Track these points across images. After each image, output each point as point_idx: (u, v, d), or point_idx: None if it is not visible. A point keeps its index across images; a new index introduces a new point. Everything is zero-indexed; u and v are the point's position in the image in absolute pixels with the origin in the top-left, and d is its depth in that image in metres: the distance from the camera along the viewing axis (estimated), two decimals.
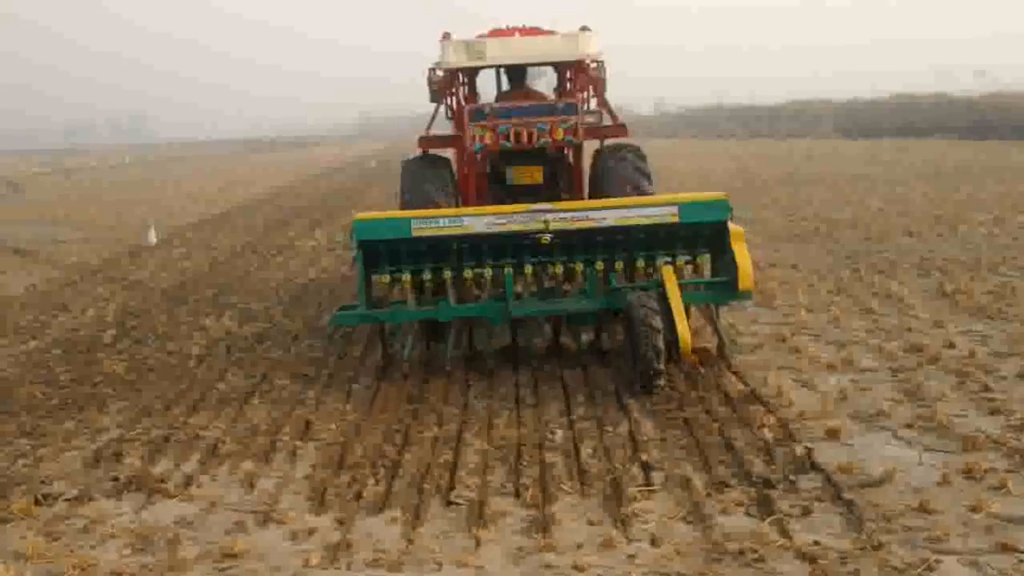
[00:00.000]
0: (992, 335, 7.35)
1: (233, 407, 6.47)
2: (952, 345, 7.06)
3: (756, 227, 14.34)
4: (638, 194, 7.98)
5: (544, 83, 10.18)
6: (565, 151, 9.10)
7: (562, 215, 6.95)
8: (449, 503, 4.70)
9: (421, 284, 7.14)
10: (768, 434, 5.34)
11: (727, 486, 4.71)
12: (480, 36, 8.91)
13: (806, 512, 4.37)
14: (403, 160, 9.05)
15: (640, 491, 4.69)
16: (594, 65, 8.76)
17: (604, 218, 6.96)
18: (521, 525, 4.43)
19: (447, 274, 7.10)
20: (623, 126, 8.95)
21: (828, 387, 6.23)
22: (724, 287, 7.01)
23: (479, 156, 8.87)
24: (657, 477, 4.87)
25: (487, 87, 9.87)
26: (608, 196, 7.89)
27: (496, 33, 9.06)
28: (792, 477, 4.77)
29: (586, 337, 7.61)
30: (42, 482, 5.24)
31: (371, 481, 5.03)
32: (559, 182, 9.10)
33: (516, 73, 9.42)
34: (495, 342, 7.40)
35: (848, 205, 16.52)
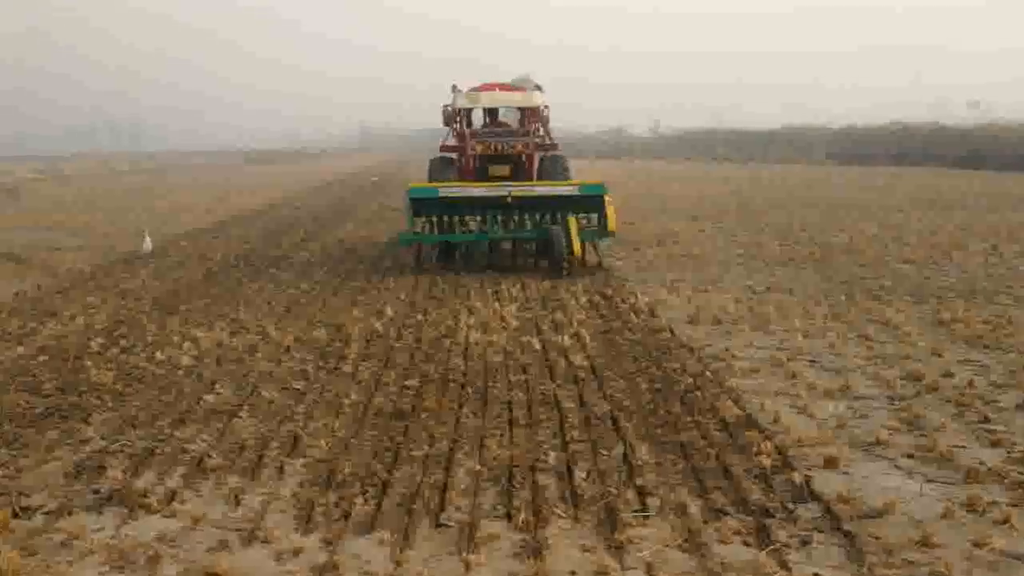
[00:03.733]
0: (990, 365, 7.28)
1: (221, 420, 6.34)
2: (950, 374, 6.99)
3: (751, 251, 14.31)
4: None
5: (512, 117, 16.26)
6: (523, 157, 14.56)
7: (518, 189, 12.85)
8: (439, 525, 4.59)
9: (441, 223, 12.94)
10: (765, 461, 5.24)
11: (724, 514, 4.61)
12: (474, 89, 14.95)
13: (805, 543, 4.27)
14: (430, 159, 15.43)
15: (635, 517, 4.59)
16: (541, 108, 14.91)
17: (538, 191, 12.90)
18: (513, 550, 4.32)
19: (456, 218, 12.85)
20: (556, 145, 15.02)
21: (826, 414, 6.14)
22: (601, 230, 12.81)
23: (473, 158, 14.51)
24: (652, 503, 4.76)
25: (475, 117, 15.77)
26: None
27: (484, 87, 15.08)
28: (790, 506, 4.67)
29: (530, 256, 13.23)
30: (21, 494, 5.10)
31: (359, 500, 4.91)
32: (519, 174, 14.44)
33: (495, 111, 15.65)
34: (480, 258, 13.18)
35: (843, 231, 16.50)
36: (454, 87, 15.03)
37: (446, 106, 14.94)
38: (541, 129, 14.90)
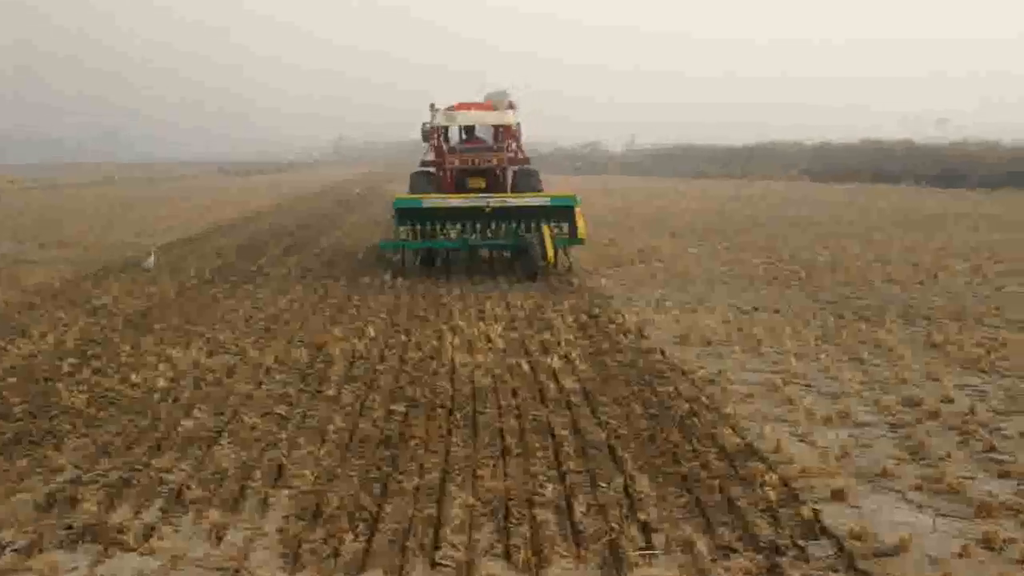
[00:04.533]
0: (989, 390, 7.16)
1: (199, 447, 6.07)
2: (950, 400, 6.85)
3: (735, 269, 14.20)
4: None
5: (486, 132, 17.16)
6: (497, 171, 15.79)
7: (495, 199, 13.94)
8: (435, 564, 4.35)
9: (424, 231, 13.81)
10: (771, 493, 5.05)
11: (733, 551, 4.41)
12: (450, 108, 15.99)
13: None
14: (411, 173, 16.49)
15: (641, 555, 4.38)
16: (514, 126, 16.13)
17: (514, 202, 13.93)
18: None
19: (438, 226, 13.81)
20: (528, 159, 16.34)
21: (827, 442, 5.97)
22: (571, 237, 13.83)
23: (451, 172, 15.72)
24: (658, 539, 4.55)
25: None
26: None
27: (461, 105, 16.24)
28: (801, 543, 4.48)
29: (507, 256, 14.61)
30: None
31: (349, 536, 4.66)
32: (494, 186, 15.62)
33: (471, 128, 16.62)
34: (461, 263, 14.63)
35: (825, 249, 16.44)
36: (432, 106, 16.02)
37: (425, 124, 16.04)
38: (514, 144, 16.15)
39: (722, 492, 5.13)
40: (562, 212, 13.80)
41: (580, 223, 13.73)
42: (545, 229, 13.44)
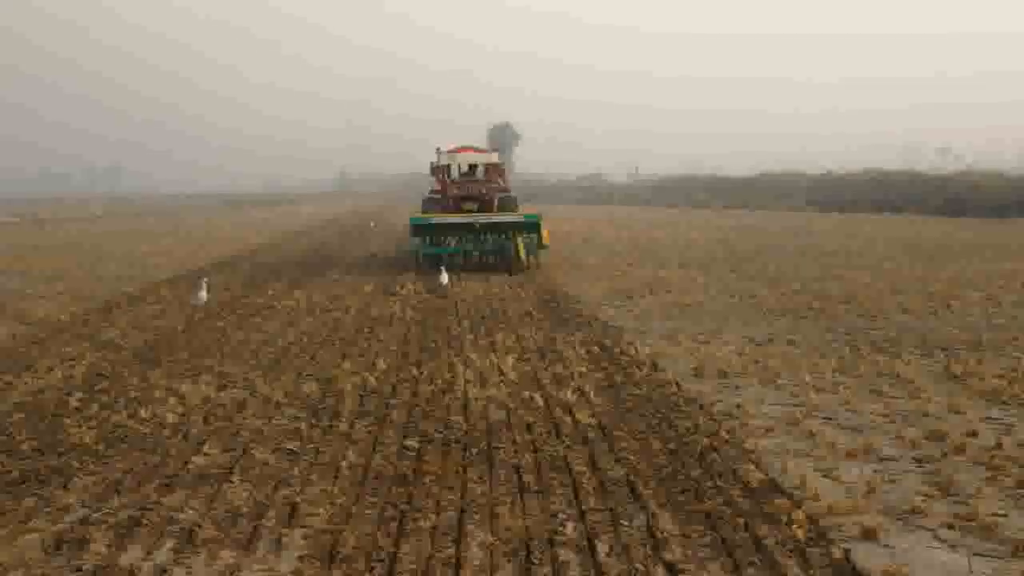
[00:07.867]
0: (1015, 423, 7.02)
1: (211, 485, 5.94)
2: (974, 433, 6.72)
3: (746, 300, 14.08)
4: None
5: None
6: (485, 197, 21.13)
7: (483, 218, 19.06)
8: None
9: (432, 240, 19.15)
10: (799, 532, 4.92)
11: None
12: (452, 150, 22.18)
13: None
14: (423, 198, 22.87)
15: None
16: (499, 165, 22.56)
17: (497, 219, 19.09)
18: None
19: (442, 237, 19.25)
20: (509, 190, 22.12)
21: (853, 478, 5.84)
22: (538, 244, 18.98)
23: (452, 198, 21.09)
24: None
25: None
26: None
27: (460, 149, 22.40)
28: None
29: (492, 261, 19.21)
30: None
31: None
32: (484, 209, 20.65)
33: (468, 167, 22.37)
34: (456, 261, 18.77)
35: (836, 279, 16.34)
36: (438, 149, 22.07)
37: (432, 162, 22.16)
38: (500, 179, 22.11)
39: (748, 530, 4.99)
40: (531, 226, 18.91)
41: (545, 234, 19.14)
42: (519, 239, 18.62)
